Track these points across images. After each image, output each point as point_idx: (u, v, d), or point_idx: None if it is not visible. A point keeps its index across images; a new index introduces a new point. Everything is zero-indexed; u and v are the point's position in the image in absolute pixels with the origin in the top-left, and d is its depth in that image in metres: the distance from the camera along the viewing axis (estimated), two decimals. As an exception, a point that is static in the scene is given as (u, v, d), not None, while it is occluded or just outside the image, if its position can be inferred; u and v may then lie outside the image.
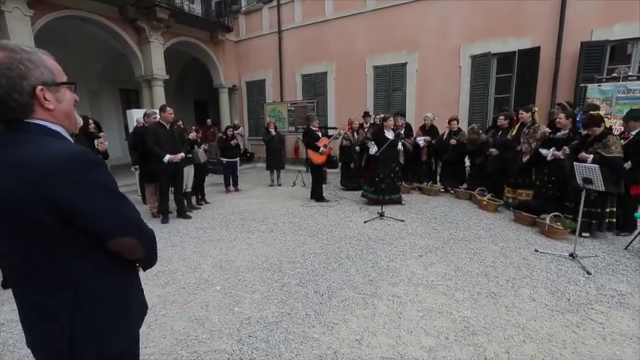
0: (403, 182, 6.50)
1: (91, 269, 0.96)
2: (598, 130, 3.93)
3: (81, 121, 3.64)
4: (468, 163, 6.25)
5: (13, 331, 2.53)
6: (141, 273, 1.22)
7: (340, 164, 7.67)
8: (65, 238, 0.90)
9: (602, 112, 4.32)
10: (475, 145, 6.08)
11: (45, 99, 0.91)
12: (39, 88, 0.89)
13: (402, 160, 6.89)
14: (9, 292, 3.10)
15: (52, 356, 0.99)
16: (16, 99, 0.87)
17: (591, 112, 4.19)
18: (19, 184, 0.84)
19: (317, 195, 6.40)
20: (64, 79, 0.98)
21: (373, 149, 5.66)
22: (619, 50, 6.68)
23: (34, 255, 0.91)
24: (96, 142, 5.31)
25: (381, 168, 5.67)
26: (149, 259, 1.11)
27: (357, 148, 7.03)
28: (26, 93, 0.88)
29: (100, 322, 0.99)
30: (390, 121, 5.75)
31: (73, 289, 0.94)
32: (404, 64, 9.06)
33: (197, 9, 10.18)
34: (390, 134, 5.66)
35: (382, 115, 6.21)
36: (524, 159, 4.97)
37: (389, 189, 5.74)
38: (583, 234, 4.08)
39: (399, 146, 6.02)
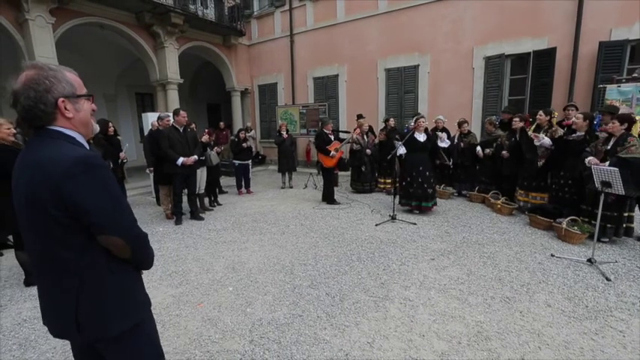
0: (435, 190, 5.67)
1: (93, 260, 1.09)
2: (618, 128, 3.82)
3: (97, 128, 3.79)
4: (479, 149, 6.08)
5: (35, 327, 2.62)
6: (154, 274, 1.30)
7: (351, 167, 7.64)
8: (72, 230, 1.04)
9: (638, 117, 4.26)
10: (490, 137, 6.01)
11: (65, 109, 1.07)
12: (60, 99, 1.06)
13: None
14: (31, 290, 3.22)
15: (63, 331, 1.16)
16: (42, 109, 1.04)
17: (623, 113, 4.14)
18: (35, 182, 1.00)
19: (328, 197, 6.40)
20: (84, 91, 1.14)
21: (401, 150, 5.37)
22: (639, 50, 6.48)
23: (48, 244, 1.06)
24: (122, 152, 5.56)
25: (408, 171, 5.49)
26: (138, 261, 1.21)
27: (368, 151, 7.02)
28: (50, 104, 1.04)
29: (102, 306, 1.12)
30: (421, 123, 5.40)
31: (78, 276, 1.08)
32: (416, 67, 9.00)
33: (210, 14, 10.37)
34: (421, 137, 5.40)
35: (415, 118, 5.78)
36: (540, 163, 4.87)
37: (416, 195, 5.42)
38: (602, 239, 3.98)
39: (443, 139, 5.92)
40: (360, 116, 7.53)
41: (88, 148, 1.13)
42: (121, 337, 1.16)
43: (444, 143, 6.16)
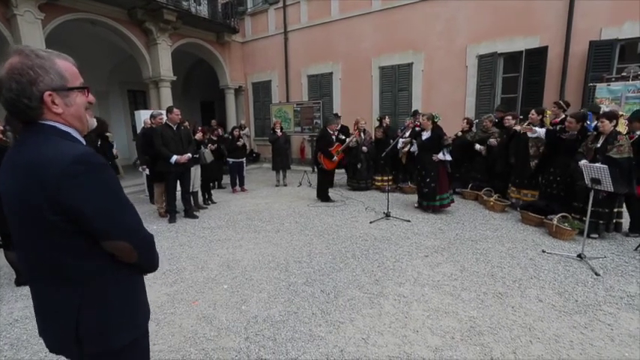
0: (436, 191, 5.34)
1: (96, 267, 1.00)
2: (608, 126, 3.88)
3: (94, 123, 3.72)
4: (478, 146, 6.10)
5: (27, 327, 2.60)
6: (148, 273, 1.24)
7: (347, 165, 7.64)
8: (71, 236, 0.94)
9: (622, 112, 4.35)
10: (487, 134, 6.06)
11: (53, 103, 0.95)
12: (47, 93, 0.93)
13: (403, 159, 6.83)
14: (22, 290, 3.18)
15: (61, 346, 1.05)
16: (25, 103, 0.92)
17: (607, 110, 4.26)
18: (29, 183, 0.89)
19: (322, 195, 6.41)
20: (79, 82, 1.01)
21: (413, 147, 5.58)
22: (629, 49, 6.59)
23: (44, 251, 0.96)
24: (114, 150, 5.50)
25: (417, 172, 5.49)
26: (144, 265, 1.12)
27: (365, 148, 7.03)
28: (35, 98, 0.92)
29: (106, 317, 1.02)
30: (425, 121, 5.30)
31: (80, 285, 0.98)
32: (410, 65, 9.03)
33: (204, 11, 10.27)
34: (425, 135, 5.33)
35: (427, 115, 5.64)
36: (532, 163, 4.92)
37: (419, 193, 5.53)
38: (591, 235, 4.05)
39: (438, 158, 5.19)
40: (336, 116, 7.41)
41: (84, 144, 1.02)
42: (121, 352, 1.06)
43: (447, 156, 5.51)
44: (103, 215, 0.94)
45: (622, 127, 4.06)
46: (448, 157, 5.33)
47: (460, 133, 6.43)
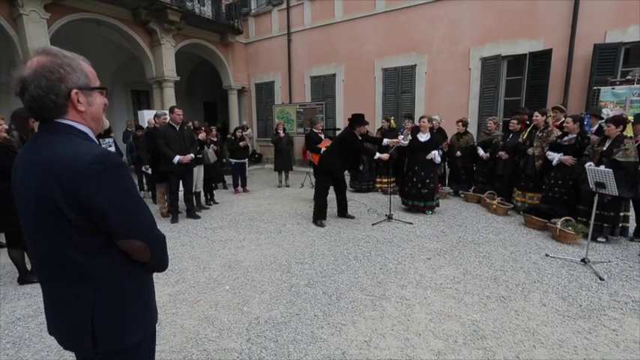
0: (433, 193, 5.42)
1: (111, 265, 1.01)
2: (614, 130, 3.87)
3: (107, 124, 3.76)
4: (481, 152, 6.08)
5: (29, 326, 2.60)
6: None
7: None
8: (88, 233, 0.95)
9: (630, 117, 4.31)
10: (490, 136, 6.03)
11: (78, 101, 0.98)
12: (74, 91, 0.96)
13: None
14: (25, 288, 3.19)
15: (75, 343, 1.06)
16: (52, 99, 0.94)
17: (615, 115, 4.26)
18: (49, 181, 0.90)
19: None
20: (97, 84, 1.04)
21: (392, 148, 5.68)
22: (634, 52, 6.56)
23: (59, 248, 0.96)
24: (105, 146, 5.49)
25: (407, 171, 5.58)
26: (156, 264, 1.14)
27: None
28: (62, 95, 0.95)
29: (120, 314, 1.04)
30: (424, 122, 5.38)
31: (94, 283, 0.99)
32: (413, 67, 9.03)
33: (208, 11, 10.32)
34: (424, 137, 5.37)
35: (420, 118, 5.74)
36: (537, 163, 4.90)
37: (410, 194, 5.51)
38: (599, 239, 4.04)
39: (432, 156, 5.25)
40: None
41: (98, 144, 1.04)
42: (131, 350, 1.08)
43: (438, 158, 5.44)
44: (120, 214, 0.96)
45: (630, 131, 4.03)
46: (438, 159, 5.45)
47: (459, 140, 6.43)
